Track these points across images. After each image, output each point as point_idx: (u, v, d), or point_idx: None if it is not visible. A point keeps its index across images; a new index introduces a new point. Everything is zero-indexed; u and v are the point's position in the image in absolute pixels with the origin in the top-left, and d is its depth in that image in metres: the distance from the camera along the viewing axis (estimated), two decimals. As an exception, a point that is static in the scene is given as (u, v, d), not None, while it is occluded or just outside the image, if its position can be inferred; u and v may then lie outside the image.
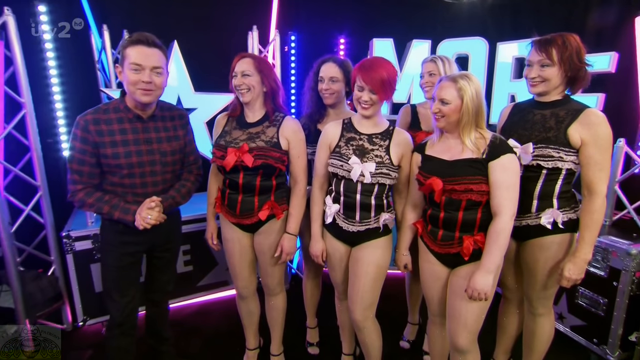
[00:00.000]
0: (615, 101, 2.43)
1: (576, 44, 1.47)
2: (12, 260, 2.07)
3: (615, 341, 1.98)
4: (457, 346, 1.55)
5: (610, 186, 2.20)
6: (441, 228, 1.51)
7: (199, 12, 2.79)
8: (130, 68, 1.45)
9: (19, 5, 2.06)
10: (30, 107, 2.11)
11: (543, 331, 1.72)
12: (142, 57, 1.46)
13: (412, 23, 3.08)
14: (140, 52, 1.46)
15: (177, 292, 2.54)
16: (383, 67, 1.53)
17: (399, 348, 2.25)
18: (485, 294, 1.40)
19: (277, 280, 1.89)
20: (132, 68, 1.45)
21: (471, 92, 1.39)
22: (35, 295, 2.20)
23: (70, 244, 2.19)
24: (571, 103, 1.53)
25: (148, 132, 1.57)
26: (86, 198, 1.51)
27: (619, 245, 1.96)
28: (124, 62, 1.47)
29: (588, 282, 2.07)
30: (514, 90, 2.71)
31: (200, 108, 2.75)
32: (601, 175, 1.45)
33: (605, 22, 2.59)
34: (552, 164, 1.50)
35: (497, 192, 1.39)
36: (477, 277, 1.41)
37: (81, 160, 1.49)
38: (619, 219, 2.32)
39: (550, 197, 1.55)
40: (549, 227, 1.55)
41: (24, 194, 2.21)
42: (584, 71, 1.49)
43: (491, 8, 3.09)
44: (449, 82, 1.42)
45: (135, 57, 1.45)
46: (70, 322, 2.37)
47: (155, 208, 1.53)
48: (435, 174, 1.46)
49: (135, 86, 1.47)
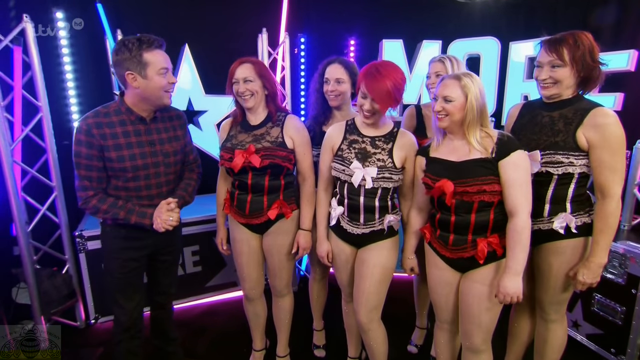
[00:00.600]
0: (635, 100, 2.34)
1: (589, 42, 1.39)
2: (29, 259, 2.14)
3: (634, 351, 1.90)
4: (472, 346, 1.53)
5: (629, 190, 2.12)
6: (452, 232, 1.47)
7: (210, 16, 2.83)
8: (159, 73, 1.46)
9: (36, 11, 2.14)
10: (47, 110, 2.18)
11: (555, 338, 1.65)
12: (165, 61, 1.48)
13: (422, 23, 3.04)
14: (162, 56, 1.47)
15: (186, 292, 2.58)
16: (389, 76, 1.47)
17: (406, 352, 2.21)
18: (517, 297, 1.37)
19: (285, 281, 1.89)
20: (161, 73, 1.46)
21: (475, 90, 1.36)
22: (50, 292, 2.27)
23: (83, 243, 2.24)
24: (581, 102, 1.45)
25: (150, 134, 1.57)
26: (100, 205, 1.50)
27: (637, 251, 1.88)
28: (147, 68, 1.44)
29: (605, 289, 2.00)
30: (527, 90, 2.64)
31: (210, 110, 2.80)
32: (614, 177, 1.38)
33: (623, 19, 2.50)
34: (562, 169, 1.44)
35: (511, 191, 1.35)
36: (505, 282, 1.37)
37: (89, 165, 1.47)
38: (639, 223, 2.23)
39: (563, 201, 1.49)
40: (562, 232, 1.49)
41: (40, 195, 2.29)
42: (598, 71, 1.41)
43: (505, 7, 3.03)
44: (453, 80, 1.39)
45: (162, 61, 1.46)
46: (83, 320, 2.43)
47: (175, 209, 1.55)
48: (445, 176, 1.42)
49: (165, 89, 1.49)
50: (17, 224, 2.07)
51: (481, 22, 3.03)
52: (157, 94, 1.48)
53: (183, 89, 2.69)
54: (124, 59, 1.43)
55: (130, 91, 1.50)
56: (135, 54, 1.43)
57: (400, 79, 1.51)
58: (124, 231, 1.58)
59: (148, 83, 1.45)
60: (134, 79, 1.45)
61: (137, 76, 1.45)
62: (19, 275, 2.28)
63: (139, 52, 1.43)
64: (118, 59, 1.44)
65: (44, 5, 2.36)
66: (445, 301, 1.59)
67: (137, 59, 1.43)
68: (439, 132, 1.50)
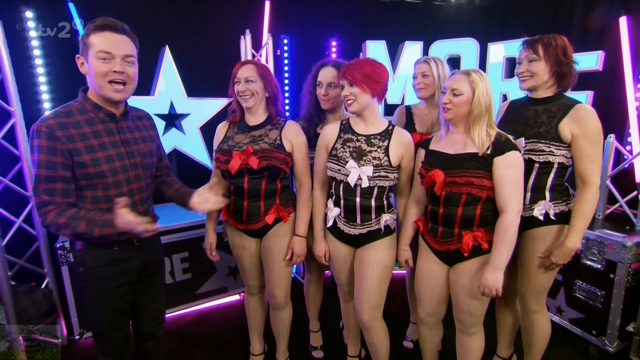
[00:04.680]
0: (604, 98, 2.51)
1: (562, 41, 1.55)
2: (3, 274, 1.99)
3: (613, 332, 2.03)
4: (464, 329, 1.64)
5: (602, 181, 2.26)
6: (440, 225, 1.53)
7: (191, 16, 2.76)
8: (97, 57, 1.23)
9: (5, 12, 2.01)
10: (20, 115, 2.05)
11: (539, 328, 1.75)
12: (111, 44, 1.24)
13: (404, 25, 3.11)
14: (108, 39, 1.25)
15: (176, 300, 2.50)
16: (367, 63, 1.51)
17: (402, 348, 2.25)
18: (497, 290, 1.43)
19: (284, 290, 1.84)
20: (100, 57, 1.23)
21: (483, 87, 1.41)
22: (29, 309, 2.12)
23: (65, 255, 2.12)
24: (563, 99, 1.58)
25: (124, 133, 1.38)
26: (57, 218, 1.21)
27: (614, 238, 2.01)
28: (89, 51, 1.24)
29: (585, 275, 2.12)
30: (505, 89, 2.76)
31: (193, 113, 2.73)
32: (593, 167, 1.50)
33: (591, 22, 2.67)
34: (543, 158, 1.55)
35: (502, 189, 1.41)
36: (487, 275, 1.43)
37: (51, 177, 1.23)
38: (612, 212, 2.38)
39: (542, 189, 1.60)
40: (541, 219, 1.59)
41: (15, 206, 2.15)
42: (570, 67, 1.55)
43: (479, 9, 3.16)
44: (462, 74, 1.44)
45: (104, 44, 1.23)
46: (65, 337, 2.30)
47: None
48: (437, 167, 1.48)
49: (105, 78, 1.26)
50: (-9, 238, 1.94)
51: (459, 23, 3.14)
52: (98, 83, 1.26)
53: (164, 91, 2.61)
54: (79, 42, 1.27)
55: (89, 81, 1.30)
56: (84, 36, 1.26)
57: (379, 67, 1.53)
58: (108, 256, 1.35)
59: (90, 69, 1.26)
60: (81, 63, 1.28)
61: (83, 60, 1.27)
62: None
63: (88, 33, 1.25)
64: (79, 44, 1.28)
65: (13, 4, 2.21)
66: (430, 295, 1.65)
67: (84, 40, 1.25)
68: (444, 125, 1.55)
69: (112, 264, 1.35)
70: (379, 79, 1.52)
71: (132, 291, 1.46)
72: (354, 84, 1.51)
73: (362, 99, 1.53)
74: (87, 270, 1.37)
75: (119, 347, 1.47)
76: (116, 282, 1.39)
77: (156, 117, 2.52)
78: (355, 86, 1.51)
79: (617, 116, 2.54)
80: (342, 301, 1.92)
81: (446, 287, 1.62)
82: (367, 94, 1.52)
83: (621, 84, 2.49)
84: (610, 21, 2.55)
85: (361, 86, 1.50)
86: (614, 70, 2.50)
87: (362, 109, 1.56)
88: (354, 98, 1.53)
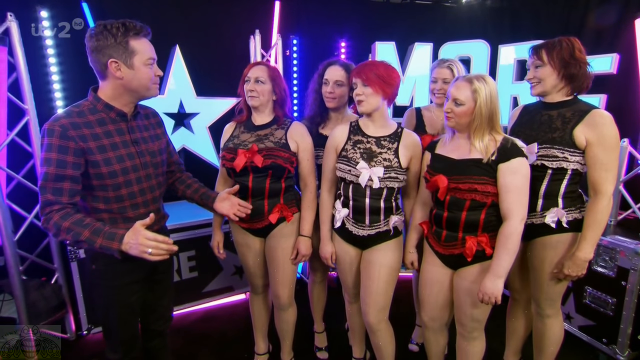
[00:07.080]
0: (617, 102, 2.46)
1: (568, 43, 1.50)
2: (15, 269, 2.03)
3: (624, 340, 1.98)
4: (466, 334, 1.61)
5: (615, 186, 2.21)
6: (445, 228, 1.52)
7: (201, 17, 2.79)
8: (147, 63, 1.31)
9: (21, 10, 2.05)
10: (34, 113, 2.08)
11: (552, 333, 1.71)
12: (151, 50, 1.33)
13: (414, 26, 3.10)
14: (148, 45, 1.33)
15: (183, 298, 2.53)
16: (381, 65, 1.53)
17: (407, 351, 2.23)
18: (495, 298, 1.40)
19: (287, 290, 1.84)
20: (149, 64, 1.32)
21: (485, 95, 1.38)
22: (39, 303, 2.17)
23: (75, 251, 2.16)
24: (578, 104, 1.53)
25: (134, 132, 1.40)
26: (62, 221, 1.20)
27: (626, 244, 1.97)
28: (133, 57, 1.28)
29: (596, 281, 2.08)
30: (516, 92, 2.73)
31: (202, 113, 2.75)
32: (607, 175, 1.46)
33: (605, 24, 2.63)
34: (556, 164, 1.51)
35: (506, 196, 1.38)
36: (486, 282, 1.41)
37: (60, 175, 1.23)
38: (624, 218, 2.34)
39: (555, 196, 1.56)
40: (553, 226, 1.55)
41: (27, 201, 2.18)
42: (579, 68, 1.49)
43: (490, 11, 3.12)
44: (465, 82, 1.41)
45: (149, 51, 1.32)
46: (74, 331, 2.33)
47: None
48: (442, 172, 1.46)
49: (153, 81, 1.35)
50: (3, 233, 1.97)
51: (468, 25, 3.12)
52: (145, 85, 1.34)
53: (174, 90, 2.64)
54: (106, 45, 1.25)
55: (110, 82, 1.31)
56: (121, 41, 1.26)
57: (392, 70, 1.55)
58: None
59: (135, 74, 1.30)
60: (117, 67, 1.28)
61: (121, 65, 1.28)
62: (4, 286, 2.17)
63: (125, 39, 1.27)
64: (99, 45, 1.26)
65: (28, 4, 2.26)
66: (434, 299, 1.63)
67: (123, 45, 1.27)
68: (449, 130, 1.53)
69: (125, 262, 1.32)
70: (392, 82, 1.53)
71: (143, 289, 1.49)
72: (367, 84, 1.51)
73: (373, 100, 1.53)
74: (101, 268, 1.39)
75: (127, 344, 1.48)
76: (129, 279, 1.41)
77: (165, 116, 2.56)
78: (368, 86, 1.51)
79: (631, 120, 2.49)
80: (347, 303, 1.92)
81: (450, 291, 1.60)
82: (379, 95, 1.53)
83: (636, 87, 2.44)
84: (625, 23, 2.50)
85: (374, 87, 1.51)
86: (629, 73, 2.45)
87: (371, 109, 1.56)
88: (365, 98, 1.53)
